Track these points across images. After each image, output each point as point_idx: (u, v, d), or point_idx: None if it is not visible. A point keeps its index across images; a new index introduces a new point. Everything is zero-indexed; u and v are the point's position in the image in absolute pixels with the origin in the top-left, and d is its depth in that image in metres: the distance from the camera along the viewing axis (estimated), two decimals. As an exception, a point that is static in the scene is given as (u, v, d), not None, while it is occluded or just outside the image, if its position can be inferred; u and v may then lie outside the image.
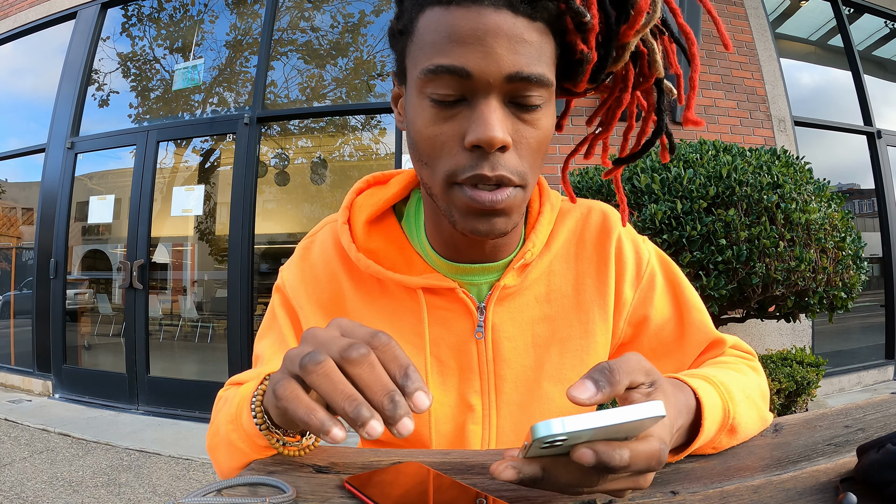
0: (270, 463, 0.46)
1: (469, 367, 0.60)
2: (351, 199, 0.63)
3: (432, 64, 0.45)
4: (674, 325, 0.64)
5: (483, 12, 0.44)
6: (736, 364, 0.59)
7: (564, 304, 0.62)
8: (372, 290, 0.61)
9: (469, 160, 0.47)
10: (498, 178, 0.46)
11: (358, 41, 4.31)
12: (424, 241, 0.60)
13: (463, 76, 0.44)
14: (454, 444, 0.60)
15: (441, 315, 0.59)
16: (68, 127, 4.37)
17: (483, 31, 0.44)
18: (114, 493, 2.40)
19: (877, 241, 4.38)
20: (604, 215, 0.64)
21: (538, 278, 0.61)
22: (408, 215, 0.63)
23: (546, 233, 0.61)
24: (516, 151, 0.47)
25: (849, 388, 3.99)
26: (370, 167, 4.75)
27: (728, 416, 0.46)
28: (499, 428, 0.60)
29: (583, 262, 0.63)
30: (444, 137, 0.47)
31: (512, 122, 0.47)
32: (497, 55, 0.44)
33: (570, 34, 0.47)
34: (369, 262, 0.58)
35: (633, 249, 0.64)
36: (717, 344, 0.63)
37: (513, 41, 0.44)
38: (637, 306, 0.63)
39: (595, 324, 0.62)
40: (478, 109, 0.45)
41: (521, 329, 0.60)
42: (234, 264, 3.72)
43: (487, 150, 0.46)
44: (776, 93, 3.92)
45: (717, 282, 2.03)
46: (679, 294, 0.65)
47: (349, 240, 0.60)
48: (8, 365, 4.67)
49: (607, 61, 0.49)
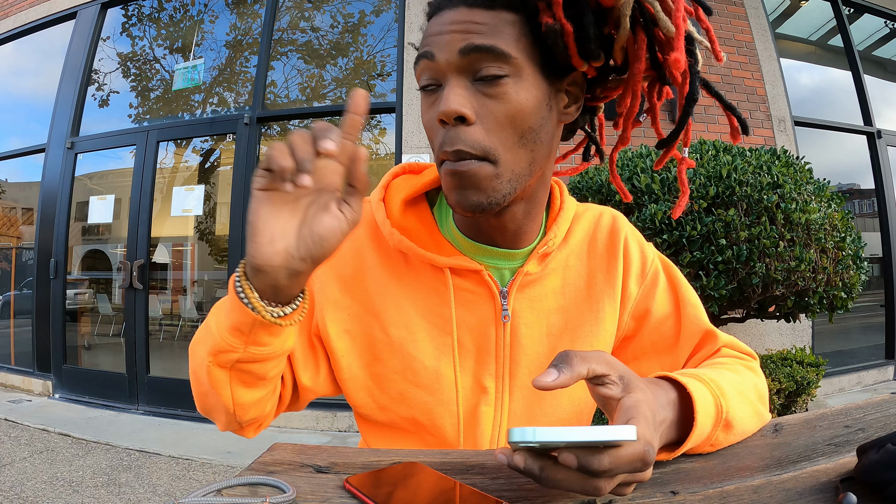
0: (270, 463, 0.46)
1: (486, 351, 0.61)
2: (388, 181, 0.67)
3: (416, 57, 0.54)
4: (672, 320, 0.67)
5: (444, 14, 0.53)
6: (731, 364, 0.60)
7: (577, 297, 0.65)
8: (398, 267, 0.62)
9: (440, 138, 0.52)
10: (455, 151, 0.51)
11: (358, 41, 4.31)
12: (453, 227, 0.63)
13: (430, 58, 0.52)
14: (467, 425, 0.62)
15: (465, 297, 0.61)
16: (68, 127, 4.37)
17: (446, 24, 0.52)
18: (114, 493, 2.40)
19: (877, 241, 4.38)
20: (614, 218, 0.69)
21: (555, 269, 0.64)
22: (439, 203, 0.66)
23: (565, 227, 0.65)
24: (482, 126, 0.51)
25: (849, 388, 3.99)
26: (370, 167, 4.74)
27: (721, 410, 0.47)
28: (510, 411, 0.62)
29: (595, 259, 0.66)
30: (430, 122, 0.54)
31: (477, 98, 0.51)
32: (451, 37, 0.51)
33: (542, 14, 0.51)
34: (402, 237, 0.60)
35: (639, 249, 0.68)
36: (709, 336, 0.65)
37: (465, 24, 0.51)
38: (640, 301, 0.67)
39: (605, 313, 0.65)
40: (443, 90, 0.52)
41: (538, 317, 0.63)
42: (234, 264, 3.72)
43: (448, 124, 0.51)
44: (776, 93, 3.92)
45: (717, 282, 2.03)
46: (678, 291, 0.68)
47: (384, 216, 0.62)
48: (8, 365, 4.67)
49: (588, 29, 0.50)
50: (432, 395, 0.60)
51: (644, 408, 0.39)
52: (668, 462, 0.45)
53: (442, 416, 0.61)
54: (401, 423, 0.63)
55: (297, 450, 0.50)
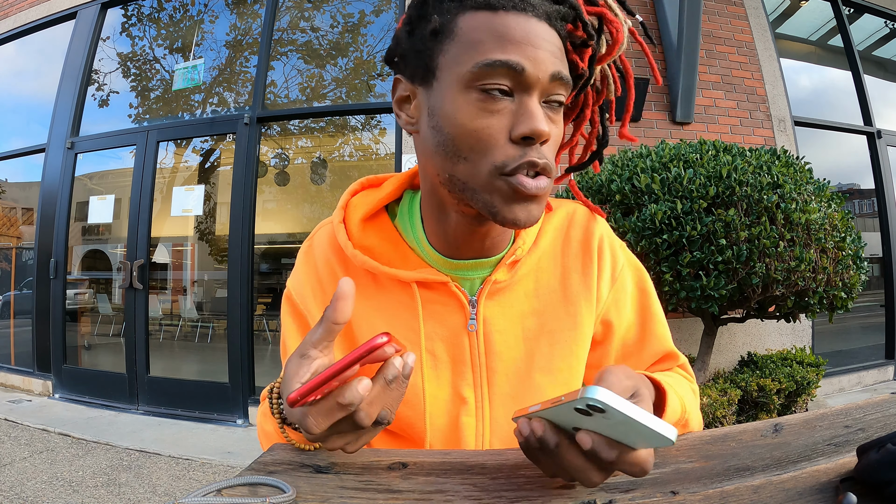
0: (270, 463, 0.46)
1: (461, 361, 0.61)
2: (346, 200, 0.67)
3: (489, 58, 0.49)
4: (636, 330, 0.68)
5: (531, 20, 0.51)
6: (678, 378, 0.66)
7: (552, 299, 0.64)
8: (367, 286, 0.63)
9: (518, 151, 0.51)
10: (544, 165, 0.51)
11: (358, 41, 4.31)
12: (421, 237, 0.63)
13: (518, 70, 0.49)
14: (449, 437, 0.61)
15: (434, 309, 0.61)
16: (68, 127, 4.37)
17: (533, 35, 0.50)
18: (114, 493, 2.40)
19: (877, 241, 4.38)
20: (588, 215, 0.69)
21: (527, 274, 0.64)
22: (401, 214, 0.66)
23: (535, 231, 0.65)
24: (548, 147, 0.53)
25: (849, 388, 3.98)
26: (370, 167, 4.75)
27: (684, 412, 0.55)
28: (492, 420, 0.62)
29: (569, 258, 0.66)
30: (491, 130, 0.51)
31: (546, 119, 0.53)
32: (544, 57, 0.50)
33: (570, 53, 0.55)
34: (365, 257, 0.61)
35: (611, 252, 0.68)
36: (670, 356, 0.69)
37: (552, 47, 0.51)
38: (610, 306, 0.67)
39: (582, 315, 0.64)
40: (524, 104, 0.50)
41: (512, 322, 0.62)
42: (234, 264, 3.72)
43: (536, 141, 0.51)
44: (776, 93, 3.92)
45: (717, 282, 2.03)
46: (645, 304, 0.69)
47: (345, 237, 0.62)
48: (8, 365, 4.67)
49: (591, 79, 0.58)
50: (412, 410, 0.60)
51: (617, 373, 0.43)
52: (668, 462, 0.45)
53: (422, 430, 0.61)
54: (389, 437, 0.63)
55: (297, 450, 0.50)
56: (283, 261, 5.21)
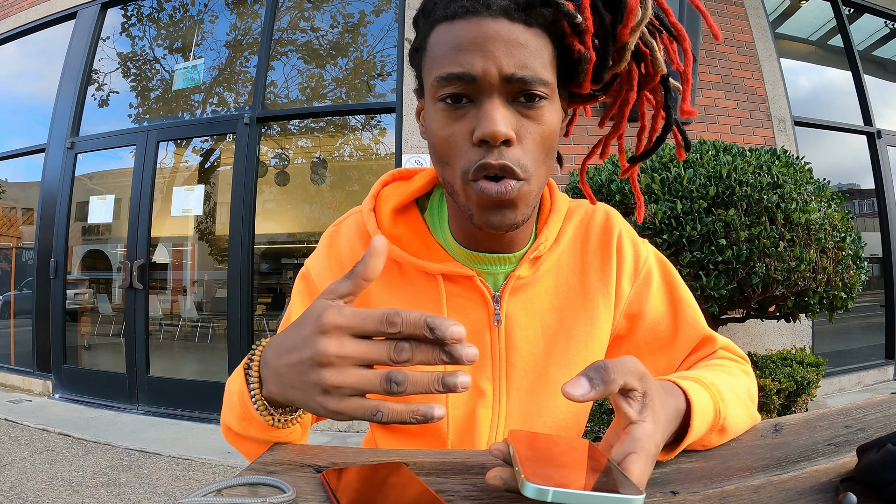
0: (270, 463, 0.46)
1: (482, 355, 0.62)
2: (377, 190, 0.68)
3: (443, 72, 0.51)
4: (668, 321, 0.67)
5: (482, 22, 0.49)
6: (727, 367, 0.61)
7: (571, 296, 0.65)
8: (392, 276, 0.63)
9: (477, 154, 0.51)
10: (501, 166, 0.50)
11: (358, 41, 4.30)
12: (447, 232, 0.64)
13: (468, 80, 0.50)
14: (465, 428, 0.62)
15: (458, 303, 0.62)
16: (68, 127, 4.37)
17: (483, 38, 0.49)
18: (114, 493, 2.40)
19: (877, 241, 4.38)
20: (607, 214, 0.69)
21: (548, 271, 0.65)
22: (431, 208, 0.67)
23: (556, 229, 0.66)
24: (521, 146, 0.51)
25: (849, 388, 3.99)
26: (370, 167, 4.75)
27: (719, 416, 0.48)
28: (508, 412, 0.63)
29: (588, 255, 0.67)
30: (456, 136, 0.52)
31: (516, 118, 0.51)
32: (495, 58, 0.49)
33: (569, 37, 0.52)
34: (394, 246, 0.62)
35: (632, 247, 0.68)
36: (707, 341, 0.66)
37: (509, 45, 0.49)
38: (633, 300, 0.67)
39: (599, 311, 0.65)
40: (483, 108, 0.50)
41: (532, 319, 0.63)
42: (234, 264, 3.72)
43: (493, 144, 0.50)
44: (776, 93, 3.92)
45: (717, 282, 2.03)
46: (674, 292, 0.68)
47: (374, 226, 0.63)
48: (8, 365, 4.67)
49: (607, 60, 0.53)
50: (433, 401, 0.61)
51: (649, 443, 0.38)
52: (668, 462, 0.45)
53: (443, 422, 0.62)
54: (406, 427, 0.63)
55: (298, 450, 0.50)
56: (283, 261, 5.20)
